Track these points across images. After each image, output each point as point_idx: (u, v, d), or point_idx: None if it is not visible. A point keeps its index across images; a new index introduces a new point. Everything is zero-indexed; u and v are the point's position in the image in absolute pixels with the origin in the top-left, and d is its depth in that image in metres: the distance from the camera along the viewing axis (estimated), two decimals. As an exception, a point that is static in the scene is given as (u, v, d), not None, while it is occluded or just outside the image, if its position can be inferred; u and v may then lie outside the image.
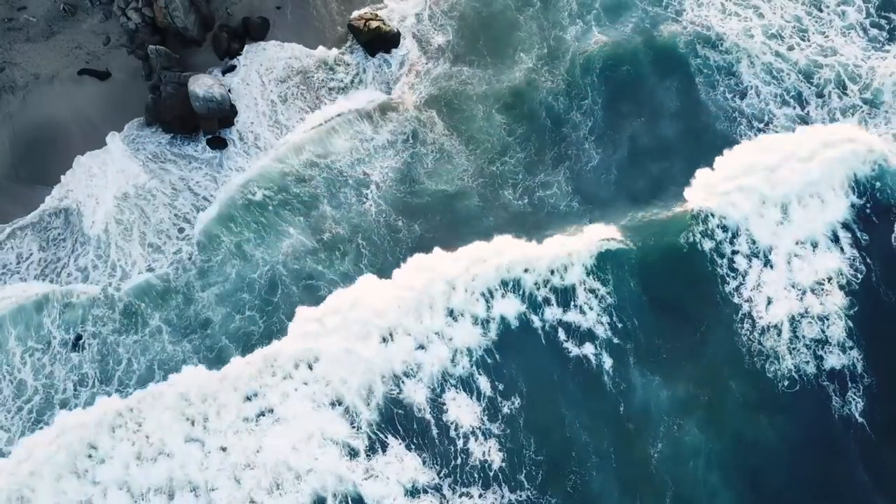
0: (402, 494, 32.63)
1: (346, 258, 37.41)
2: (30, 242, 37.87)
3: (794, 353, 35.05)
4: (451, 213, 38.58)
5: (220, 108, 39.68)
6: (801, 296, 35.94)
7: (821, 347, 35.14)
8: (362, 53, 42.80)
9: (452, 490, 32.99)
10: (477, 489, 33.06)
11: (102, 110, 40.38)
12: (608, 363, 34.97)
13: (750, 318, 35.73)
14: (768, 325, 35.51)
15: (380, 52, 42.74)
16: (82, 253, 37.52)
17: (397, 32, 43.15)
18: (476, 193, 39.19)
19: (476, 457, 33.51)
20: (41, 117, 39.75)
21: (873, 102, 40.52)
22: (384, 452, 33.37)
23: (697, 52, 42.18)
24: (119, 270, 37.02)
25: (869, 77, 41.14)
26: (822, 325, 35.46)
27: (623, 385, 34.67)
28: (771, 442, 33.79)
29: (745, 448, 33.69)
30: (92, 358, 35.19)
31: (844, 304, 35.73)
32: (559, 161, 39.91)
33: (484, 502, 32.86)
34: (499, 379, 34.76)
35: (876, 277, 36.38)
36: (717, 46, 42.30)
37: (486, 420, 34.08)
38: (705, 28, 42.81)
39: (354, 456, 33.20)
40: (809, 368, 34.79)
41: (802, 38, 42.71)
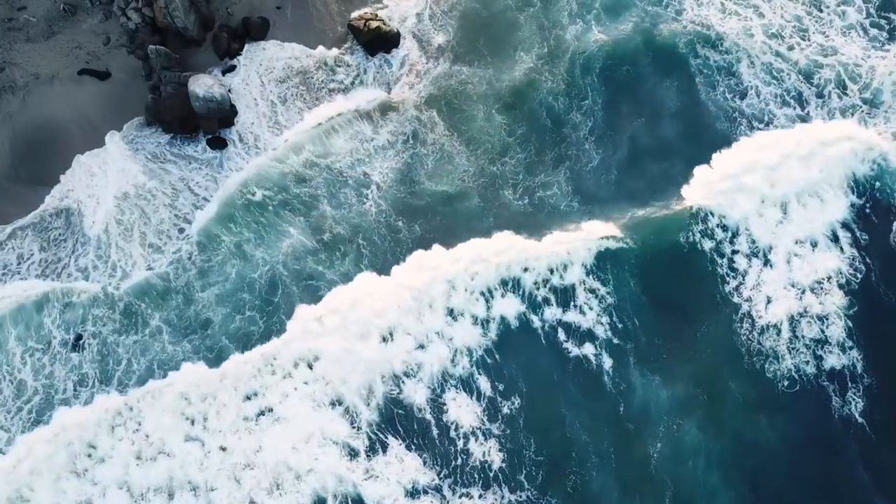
0: (402, 495, 32.63)
1: (346, 258, 37.40)
2: (30, 243, 37.85)
3: (793, 352, 35.05)
4: (452, 214, 38.58)
5: (220, 108, 39.67)
6: (800, 295, 35.96)
7: (820, 347, 35.14)
8: (362, 53, 42.79)
9: (453, 490, 32.99)
10: (477, 489, 33.07)
11: (102, 110, 40.36)
12: (608, 363, 34.98)
13: (749, 318, 35.74)
14: (768, 325, 35.52)
15: (380, 52, 42.73)
16: (83, 253, 37.51)
17: (397, 32, 43.14)
18: (476, 194, 39.19)
19: (476, 457, 33.52)
20: (41, 117, 39.73)
21: (873, 102, 40.52)
22: (384, 453, 33.38)
23: (697, 52, 42.18)
24: (119, 271, 37.01)
25: (869, 76, 41.14)
26: (821, 324, 35.47)
27: (623, 385, 34.68)
28: (771, 442, 33.79)
29: (744, 448, 33.69)
30: (92, 358, 35.18)
31: (844, 304, 35.74)
32: (559, 161, 39.91)
33: (484, 503, 32.87)
34: (499, 379, 34.77)
35: (875, 277, 36.39)
36: (717, 46, 42.30)
37: (486, 420, 34.09)
38: (705, 28, 42.82)
39: (354, 456, 33.21)
40: (809, 368, 34.80)
41: (802, 37, 42.71)
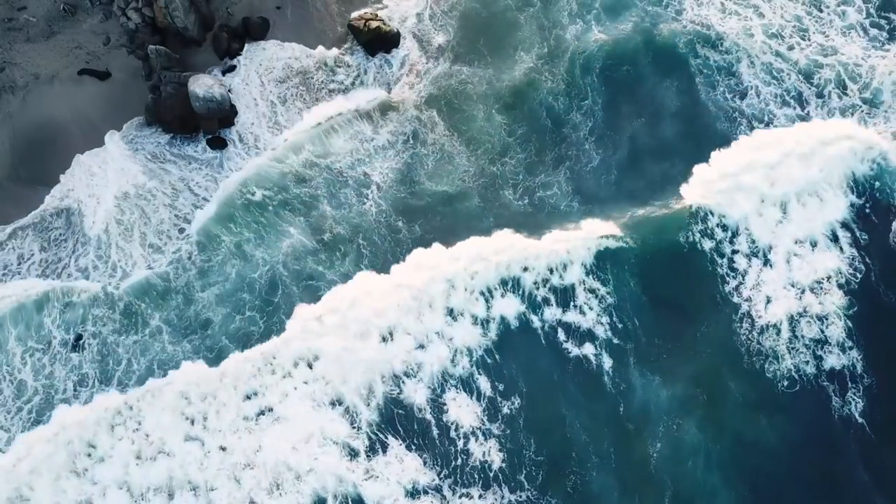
0: (402, 495, 32.63)
1: (346, 258, 37.40)
2: (31, 243, 37.84)
3: (793, 352, 35.05)
4: (452, 214, 38.57)
5: (220, 108, 39.67)
6: (800, 295, 35.96)
7: (820, 347, 35.14)
8: (362, 54, 42.78)
9: (453, 491, 32.99)
10: (477, 490, 33.07)
11: (102, 110, 40.36)
12: (608, 363, 34.98)
13: (749, 318, 35.74)
14: (767, 325, 35.52)
15: (380, 52, 42.73)
16: (83, 253, 37.51)
17: (397, 32, 43.13)
18: (476, 194, 39.18)
19: (476, 457, 33.52)
20: (41, 117, 39.72)
21: (873, 102, 40.52)
22: (384, 453, 33.38)
23: (697, 52, 42.18)
24: (119, 271, 37.00)
25: (869, 76, 41.14)
26: (821, 324, 35.47)
27: (623, 385, 34.68)
28: (771, 442, 33.80)
29: (744, 448, 33.70)
30: (92, 358, 35.17)
31: (843, 304, 35.74)
32: (559, 161, 39.91)
33: (484, 503, 32.87)
34: (499, 379, 34.77)
35: (875, 277, 36.38)
36: (717, 46, 42.30)
37: (486, 420, 34.09)
38: (705, 27, 42.82)
39: (354, 456, 33.21)
40: (809, 368, 34.80)
41: (802, 37, 42.71)
